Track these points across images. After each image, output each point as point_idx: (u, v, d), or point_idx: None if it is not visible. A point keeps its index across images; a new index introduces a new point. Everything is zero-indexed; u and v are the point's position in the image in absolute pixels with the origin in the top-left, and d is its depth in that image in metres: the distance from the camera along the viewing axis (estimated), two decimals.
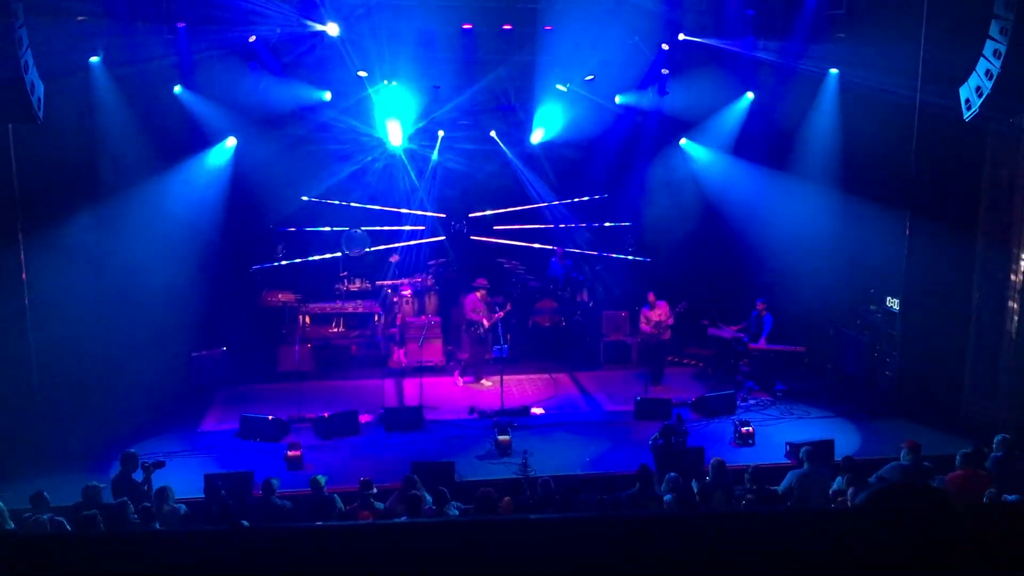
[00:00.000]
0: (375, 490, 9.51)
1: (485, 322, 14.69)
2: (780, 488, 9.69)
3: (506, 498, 9.19)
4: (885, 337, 14.10)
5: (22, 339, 11.82)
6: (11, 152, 11.48)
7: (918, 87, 12.75)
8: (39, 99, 9.83)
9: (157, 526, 8.44)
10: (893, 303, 13.89)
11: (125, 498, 9.02)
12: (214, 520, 8.93)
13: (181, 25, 13.85)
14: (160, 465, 9.84)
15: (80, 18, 12.91)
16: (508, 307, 15.04)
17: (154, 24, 13.75)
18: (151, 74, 13.85)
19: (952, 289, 13.20)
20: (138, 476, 9.79)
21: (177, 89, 14.52)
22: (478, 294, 14.90)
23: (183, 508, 9.24)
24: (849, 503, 8.88)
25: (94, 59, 13.20)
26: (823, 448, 11.06)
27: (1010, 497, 8.47)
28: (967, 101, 10.69)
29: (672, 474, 9.47)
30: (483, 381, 14.89)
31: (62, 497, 9.37)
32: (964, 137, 12.33)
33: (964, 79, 10.69)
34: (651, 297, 14.85)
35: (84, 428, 12.29)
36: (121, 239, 13.58)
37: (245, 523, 8.32)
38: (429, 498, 9.07)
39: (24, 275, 11.80)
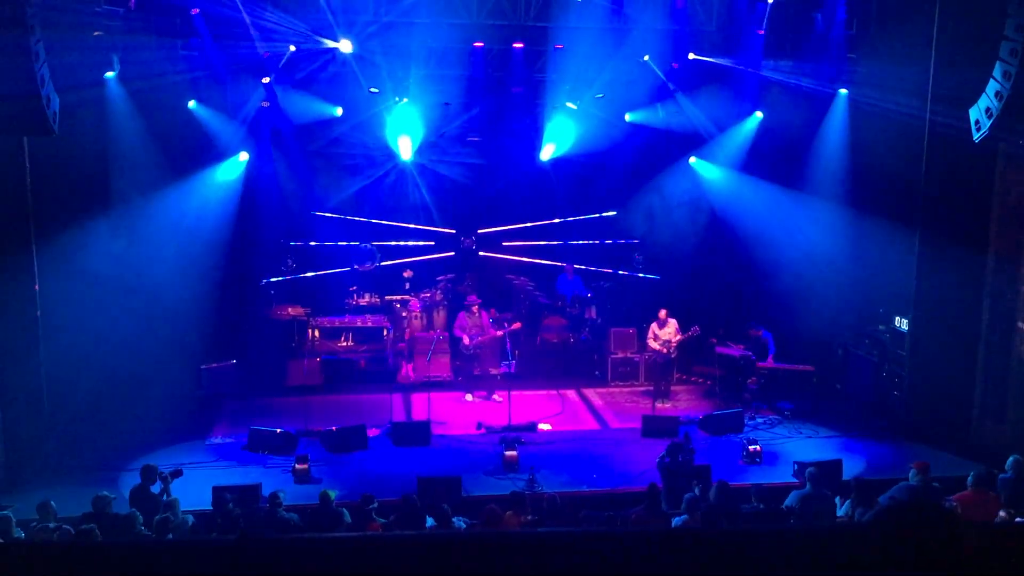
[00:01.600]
0: (376, 504, 9.49)
1: (466, 339, 14.72)
2: (783, 507, 9.65)
3: (508, 512, 9.17)
4: (894, 357, 14.05)
5: (33, 350, 11.88)
6: (26, 165, 11.57)
7: (928, 107, 12.76)
8: (55, 113, 9.91)
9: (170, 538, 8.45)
10: (902, 323, 13.85)
11: (134, 509, 9.04)
12: (221, 532, 8.94)
13: (195, 40, 13.98)
14: (178, 474, 9.85)
15: (96, 33, 13.03)
16: (517, 325, 15.06)
17: (169, 39, 13.89)
18: (166, 89, 13.96)
19: (961, 310, 13.15)
20: (156, 488, 9.81)
21: (191, 104, 14.65)
22: (472, 311, 14.95)
23: (190, 520, 9.26)
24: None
25: (109, 74, 13.31)
26: (831, 468, 11.01)
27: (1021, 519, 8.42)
28: (977, 122, 10.70)
29: (689, 494, 9.38)
30: (467, 396, 14.88)
31: (71, 508, 9.40)
32: (974, 157, 12.30)
33: (974, 100, 10.71)
34: (662, 314, 14.84)
35: (94, 439, 12.35)
36: (133, 252, 13.66)
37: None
38: (430, 520, 9.05)
39: (36, 286, 11.87)
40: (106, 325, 13.05)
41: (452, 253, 17.62)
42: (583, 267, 17.65)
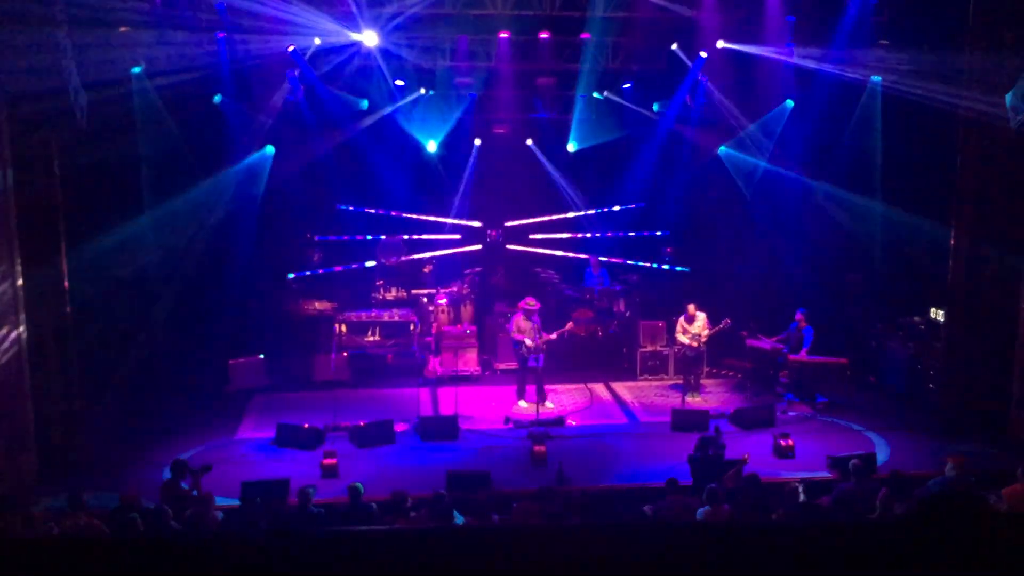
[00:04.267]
0: (409, 501, 9.44)
1: (528, 342, 13.95)
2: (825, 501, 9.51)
3: (537, 507, 9.10)
4: (929, 349, 13.82)
5: (63, 347, 11.94)
6: (54, 160, 11.62)
7: (962, 94, 12.52)
8: (82, 108, 9.97)
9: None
10: (937, 314, 13.62)
11: (165, 505, 9.06)
12: (246, 528, 8.93)
13: (221, 35, 14.01)
14: (207, 469, 9.86)
15: (123, 29, 13.09)
16: (569, 326, 14.45)
17: (195, 34, 13.92)
18: (192, 84, 13.99)
19: (998, 300, 12.89)
20: (185, 483, 9.83)
21: (217, 98, 14.69)
22: (521, 314, 14.15)
23: (220, 516, 9.26)
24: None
25: (136, 69, 13.37)
26: (866, 462, 10.84)
27: None
28: (1013, 108, 10.49)
29: (711, 484, 9.28)
30: (520, 402, 14.33)
31: (102, 503, 9.45)
32: (1010, 144, 12.07)
33: (1010, 86, 10.49)
34: (691, 308, 14.54)
35: (123, 435, 12.42)
36: (161, 247, 13.73)
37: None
38: (459, 516, 8.99)
39: (66, 283, 11.93)
40: (135, 320, 13.12)
41: (479, 246, 17.56)
42: (610, 259, 17.51)
